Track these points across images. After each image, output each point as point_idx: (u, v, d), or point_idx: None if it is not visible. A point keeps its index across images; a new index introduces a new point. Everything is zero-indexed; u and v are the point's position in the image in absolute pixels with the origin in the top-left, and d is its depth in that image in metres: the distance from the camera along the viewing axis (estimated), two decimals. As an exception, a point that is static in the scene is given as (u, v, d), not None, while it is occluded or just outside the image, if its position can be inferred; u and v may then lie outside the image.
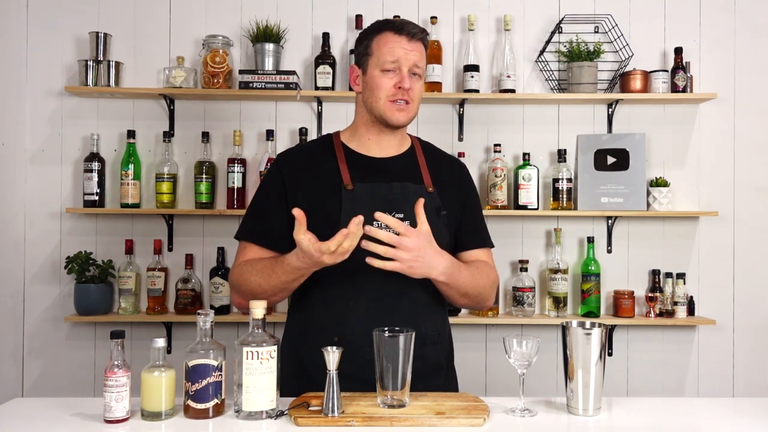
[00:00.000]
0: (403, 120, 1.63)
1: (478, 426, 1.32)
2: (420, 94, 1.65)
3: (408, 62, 1.60)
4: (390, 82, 1.60)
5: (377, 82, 1.61)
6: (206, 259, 2.84)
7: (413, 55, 1.61)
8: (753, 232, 2.90)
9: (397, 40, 1.61)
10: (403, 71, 1.60)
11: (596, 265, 2.81)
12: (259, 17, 2.83)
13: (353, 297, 1.59)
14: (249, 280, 1.59)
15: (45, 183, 2.82)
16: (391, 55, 1.60)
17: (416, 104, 1.64)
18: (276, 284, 1.55)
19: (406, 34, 1.61)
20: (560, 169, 2.81)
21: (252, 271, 1.60)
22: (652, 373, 2.88)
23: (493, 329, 2.88)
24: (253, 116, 2.87)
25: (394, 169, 1.67)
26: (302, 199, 1.61)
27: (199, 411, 1.35)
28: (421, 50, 1.64)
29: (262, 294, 1.57)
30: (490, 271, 1.72)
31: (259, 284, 1.57)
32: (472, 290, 1.64)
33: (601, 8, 2.90)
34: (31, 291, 2.82)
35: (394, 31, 1.62)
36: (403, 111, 1.62)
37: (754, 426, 1.39)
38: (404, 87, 1.59)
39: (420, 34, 1.63)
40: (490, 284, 1.70)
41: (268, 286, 1.56)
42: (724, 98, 2.89)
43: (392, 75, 1.60)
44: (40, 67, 2.83)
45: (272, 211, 1.65)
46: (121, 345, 1.35)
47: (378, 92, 1.61)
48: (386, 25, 1.64)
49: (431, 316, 1.65)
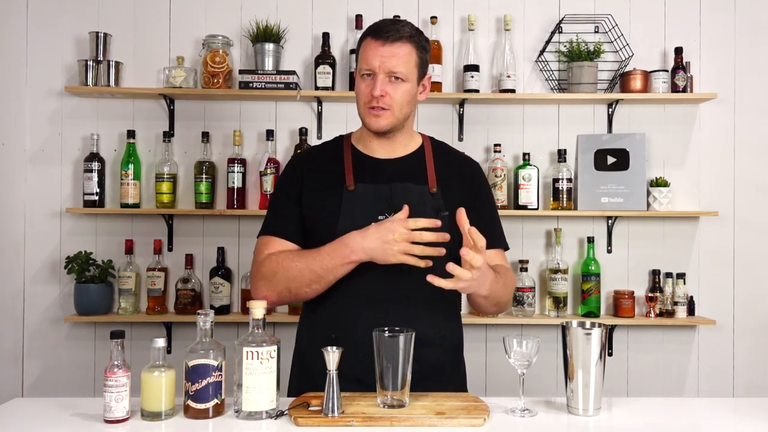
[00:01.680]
0: (379, 126, 1.61)
1: (478, 426, 1.32)
2: (402, 99, 1.60)
3: (383, 68, 1.57)
4: (367, 88, 1.60)
5: (357, 88, 1.63)
6: (206, 259, 2.84)
7: (389, 61, 1.56)
8: (753, 232, 2.90)
9: (372, 46, 1.59)
10: (378, 77, 1.57)
11: (596, 265, 2.81)
12: (259, 17, 2.83)
13: (352, 296, 1.60)
14: (289, 266, 1.58)
15: (45, 183, 2.82)
16: (365, 63, 1.59)
17: (399, 109, 1.60)
18: (319, 271, 1.55)
19: (381, 38, 1.58)
20: (560, 169, 2.81)
21: (292, 257, 1.59)
22: (652, 373, 2.88)
23: (493, 329, 2.88)
24: (253, 116, 2.87)
25: (397, 170, 1.67)
26: (308, 198, 1.65)
27: (199, 411, 1.35)
28: (405, 52, 1.58)
29: (302, 282, 1.57)
30: (512, 276, 1.73)
31: (299, 269, 1.56)
32: (503, 298, 1.65)
33: (601, 8, 2.90)
34: (31, 291, 2.82)
35: (372, 36, 1.60)
36: (378, 117, 1.60)
37: (754, 426, 1.39)
38: (375, 94, 1.57)
39: (400, 34, 1.58)
40: (513, 289, 1.74)
41: (308, 271, 1.55)
42: (724, 98, 2.89)
43: (369, 80, 1.60)
44: (40, 67, 2.83)
45: (290, 207, 1.67)
46: (121, 345, 1.35)
47: (358, 98, 1.63)
48: (368, 31, 1.63)
49: (431, 318, 1.63)
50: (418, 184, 1.65)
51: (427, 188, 1.66)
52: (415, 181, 1.66)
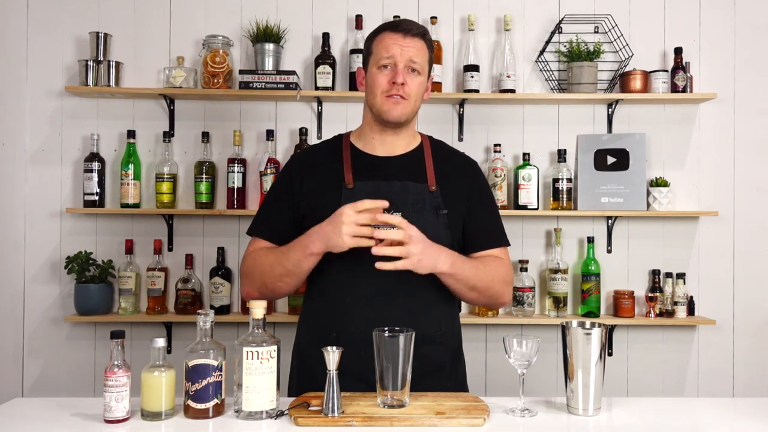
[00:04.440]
0: (397, 114, 1.63)
1: (478, 426, 1.33)
2: (418, 91, 1.65)
3: (403, 58, 1.61)
4: (385, 78, 1.63)
5: (374, 79, 1.64)
6: (206, 259, 2.84)
7: (409, 51, 1.62)
8: (753, 232, 2.90)
9: (393, 37, 1.63)
10: (398, 66, 1.61)
11: (596, 265, 2.81)
12: (259, 17, 2.83)
13: (351, 294, 1.61)
14: (262, 263, 1.64)
15: (45, 183, 2.82)
16: (386, 51, 1.63)
17: (414, 100, 1.65)
18: (287, 265, 1.58)
19: (402, 31, 1.63)
20: (560, 169, 2.81)
21: (266, 254, 1.65)
22: (652, 373, 2.88)
23: (493, 329, 2.88)
24: (253, 116, 2.87)
25: (396, 168, 1.68)
26: (306, 197, 1.67)
27: (199, 411, 1.35)
28: (420, 47, 1.64)
29: (273, 276, 1.61)
30: (499, 265, 1.69)
31: (270, 265, 1.62)
32: (480, 283, 1.63)
33: (601, 8, 2.90)
34: (31, 291, 2.82)
35: (391, 30, 1.65)
36: (398, 105, 1.62)
37: (754, 426, 1.39)
38: (397, 81, 1.60)
39: (417, 30, 1.64)
40: (500, 279, 1.68)
41: (278, 266, 1.60)
42: (724, 98, 2.89)
43: (388, 71, 1.63)
44: (40, 67, 2.83)
45: (279, 209, 1.70)
46: (121, 345, 1.35)
47: (375, 88, 1.64)
48: (385, 26, 1.68)
49: (431, 316, 1.64)
50: (417, 182, 1.66)
51: (426, 186, 1.66)
52: (415, 179, 1.66)
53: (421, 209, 1.61)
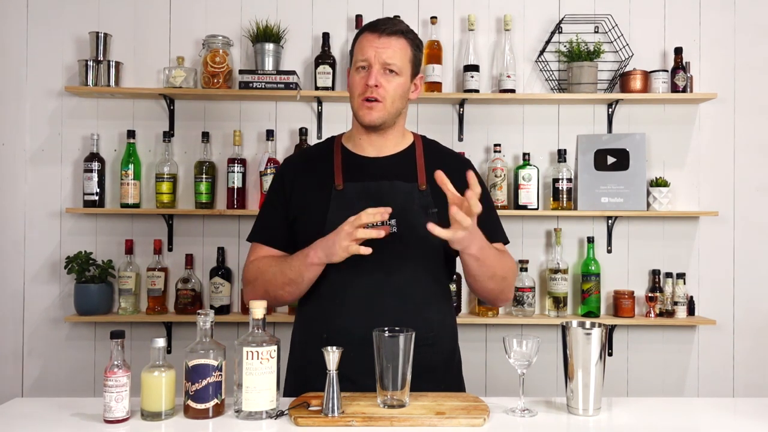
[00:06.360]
0: (370, 119, 1.62)
1: (478, 426, 1.32)
2: (396, 92, 1.62)
3: (378, 59, 1.60)
4: (362, 80, 1.62)
5: (351, 81, 1.66)
6: (206, 259, 2.84)
7: (384, 52, 1.60)
8: (753, 232, 2.90)
9: (368, 38, 1.62)
10: (373, 68, 1.60)
11: (596, 265, 2.81)
12: (259, 17, 2.83)
13: (342, 297, 1.60)
14: (267, 271, 1.64)
15: (45, 183, 2.82)
16: (361, 54, 1.62)
17: (391, 102, 1.62)
18: (290, 274, 1.59)
19: (378, 31, 1.61)
20: (560, 169, 2.81)
21: (271, 262, 1.65)
22: (652, 373, 2.88)
23: (493, 329, 2.88)
24: (253, 116, 2.87)
25: (385, 168, 1.67)
26: (297, 200, 1.67)
27: (199, 411, 1.35)
28: (400, 46, 1.62)
29: (276, 285, 1.61)
30: (511, 260, 1.70)
31: (273, 274, 1.62)
32: (500, 271, 1.62)
33: (601, 8, 2.90)
34: (31, 291, 2.82)
35: (369, 31, 1.64)
36: (372, 110, 1.61)
37: (754, 426, 1.39)
38: (370, 84, 1.59)
39: (393, 29, 1.61)
40: (512, 271, 1.69)
41: (281, 275, 1.60)
42: (724, 98, 2.89)
43: (364, 73, 1.62)
44: (40, 67, 2.83)
45: (275, 215, 1.71)
46: (121, 345, 1.35)
47: (352, 91, 1.65)
48: (365, 26, 1.67)
49: (424, 317, 1.61)
50: (406, 181, 1.65)
51: (416, 186, 1.65)
52: (404, 179, 1.66)
53: (409, 209, 1.60)
